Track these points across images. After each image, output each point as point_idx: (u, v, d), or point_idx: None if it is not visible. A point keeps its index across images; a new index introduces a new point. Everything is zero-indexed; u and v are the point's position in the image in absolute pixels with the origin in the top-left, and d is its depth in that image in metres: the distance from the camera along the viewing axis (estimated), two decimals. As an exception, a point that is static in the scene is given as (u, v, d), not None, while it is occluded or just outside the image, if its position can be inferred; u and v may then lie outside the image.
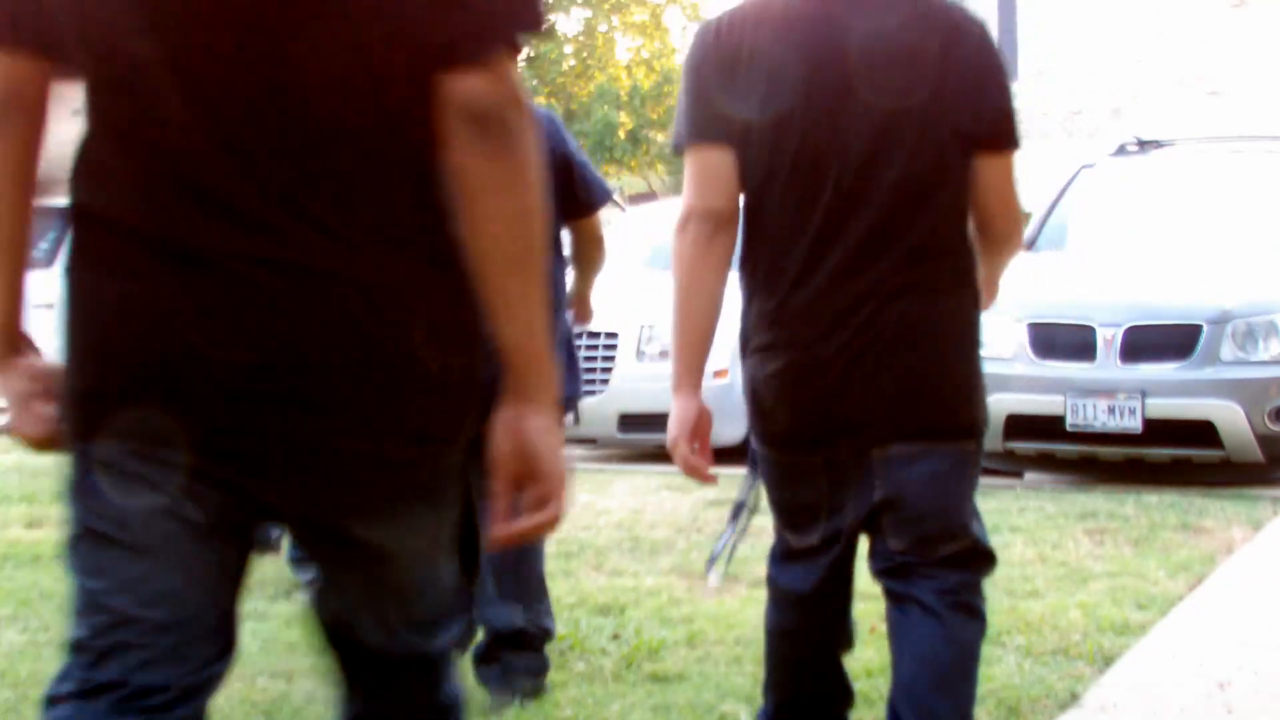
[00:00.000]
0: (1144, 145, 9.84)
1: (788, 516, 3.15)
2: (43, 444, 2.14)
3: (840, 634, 3.33)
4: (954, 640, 2.98)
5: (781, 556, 3.27)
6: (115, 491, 1.89)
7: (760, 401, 3.01)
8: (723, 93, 2.87)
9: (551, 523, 1.93)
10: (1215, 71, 31.74)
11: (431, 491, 1.97)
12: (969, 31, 2.92)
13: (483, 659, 4.18)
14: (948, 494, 2.98)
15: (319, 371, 1.83)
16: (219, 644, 1.95)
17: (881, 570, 3.10)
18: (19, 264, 2.20)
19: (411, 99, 1.84)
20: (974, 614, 3.03)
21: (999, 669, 4.43)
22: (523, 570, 4.22)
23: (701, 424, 2.98)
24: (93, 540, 1.91)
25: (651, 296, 9.39)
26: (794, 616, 3.31)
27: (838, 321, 2.87)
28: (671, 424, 2.99)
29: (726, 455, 9.07)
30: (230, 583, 1.96)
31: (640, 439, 9.10)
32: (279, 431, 1.85)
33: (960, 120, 2.87)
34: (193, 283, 1.83)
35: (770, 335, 2.94)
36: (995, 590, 5.40)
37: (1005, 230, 3.00)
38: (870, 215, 2.85)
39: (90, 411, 1.93)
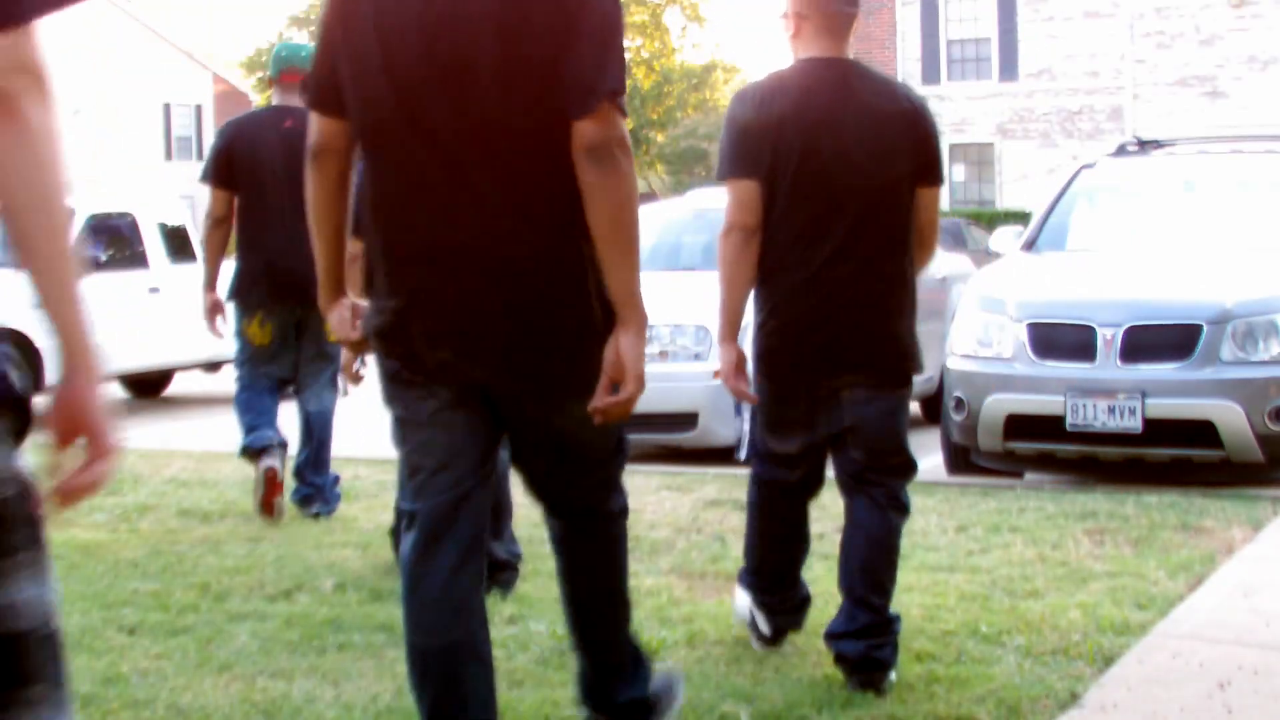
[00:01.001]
0: (1144, 145, 9.84)
1: (777, 429, 4.44)
2: (353, 346, 3.98)
3: (807, 513, 4.67)
4: (892, 527, 4.39)
5: (763, 459, 4.53)
6: (403, 391, 3.21)
7: (769, 348, 4.34)
8: (757, 143, 4.21)
9: (630, 402, 3.08)
10: (1215, 71, 31.76)
11: (586, 383, 3.09)
12: (915, 105, 4.35)
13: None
14: (894, 424, 4.38)
15: (523, 307, 3.09)
16: (480, 472, 3.21)
17: (845, 473, 4.43)
18: (340, 244, 3.38)
19: (561, 136, 3.00)
20: (904, 510, 4.45)
21: (999, 669, 4.43)
22: (497, 513, 5.37)
23: (741, 361, 4.35)
24: (399, 423, 3.25)
25: (651, 296, 9.40)
26: (782, 500, 4.56)
27: (824, 301, 4.27)
28: (722, 364, 4.35)
29: (726, 456, 9.12)
30: (480, 436, 3.22)
31: (640, 439, 9.11)
32: (501, 343, 3.11)
33: (909, 165, 4.31)
34: (445, 263, 3.09)
35: (777, 304, 4.31)
36: (995, 590, 5.40)
37: (930, 239, 4.40)
38: (846, 227, 4.25)
39: (386, 340, 3.19)
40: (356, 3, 3.07)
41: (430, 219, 3.09)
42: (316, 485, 7.21)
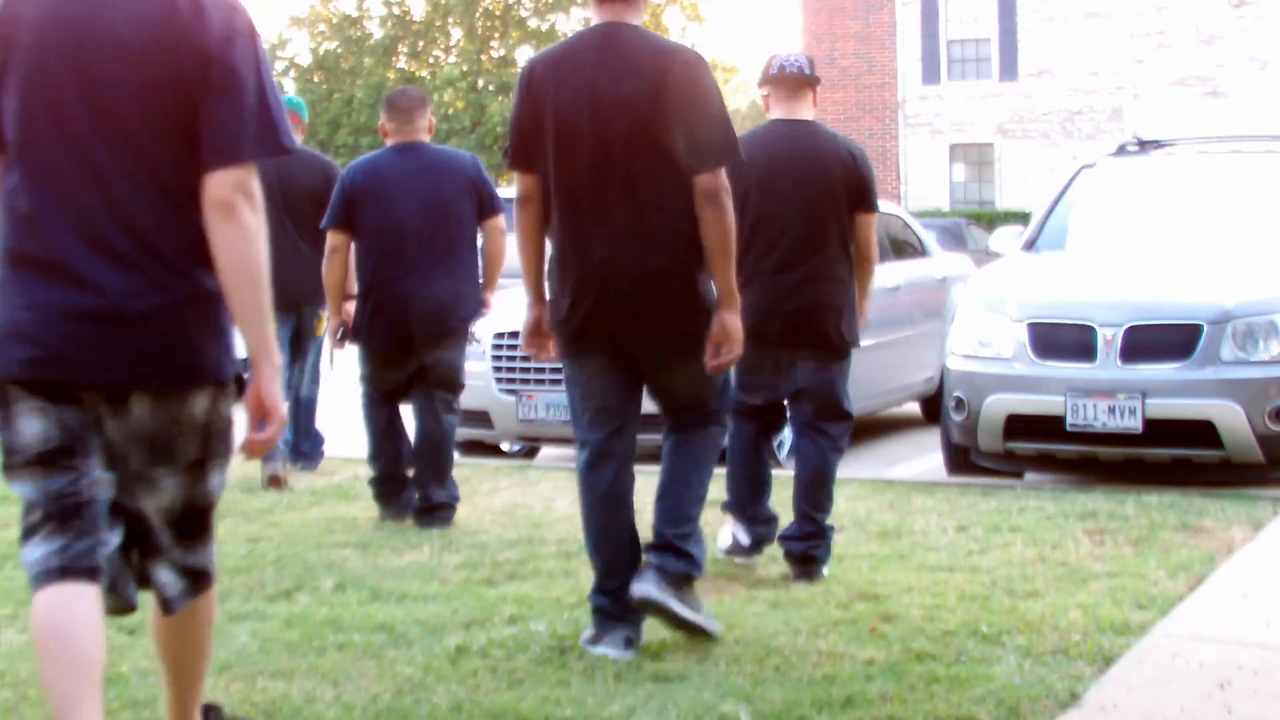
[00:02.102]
0: (1144, 145, 9.84)
1: (748, 388, 5.82)
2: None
3: (768, 449, 6.14)
4: (828, 461, 5.82)
5: (735, 414, 5.70)
6: (575, 359, 4.77)
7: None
8: (738, 184, 4.97)
9: (734, 360, 4.66)
10: (1215, 71, 31.76)
11: (697, 347, 4.64)
12: (853, 152, 5.87)
13: (419, 514, 6.95)
14: (836, 387, 5.84)
15: (659, 298, 4.62)
16: (627, 412, 4.83)
17: (798, 422, 5.89)
18: (541, 263, 4.83)
19: (683, 186, 4.54)
20: (840, 450, 5.89)
21: (999, 669, 4.43)
22: (439, 462, 7.03)
23: None
24: (571, 381, 4.82)
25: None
26: (751, 441, 5.95)
27: (781, 295, 5.71)
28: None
29: (727, 455, 9.08)
30: (629, 388, 4.80)
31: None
32: (644, 322, 4.63)
33: (845, 198, 5.80)
34: (596, 270, 4.62)
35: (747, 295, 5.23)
36: (995, 590, 5.40)
37: (867, 253, 5.90)
38: (794, 238, 5.76)
39: (565, 325, 4.72)
40: (546, 95, 4.58)
41: (597, 243, 4.61)
42: (304, 453, 8.53)
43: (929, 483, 8.12)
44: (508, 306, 9.66)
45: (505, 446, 9.79)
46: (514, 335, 9.18)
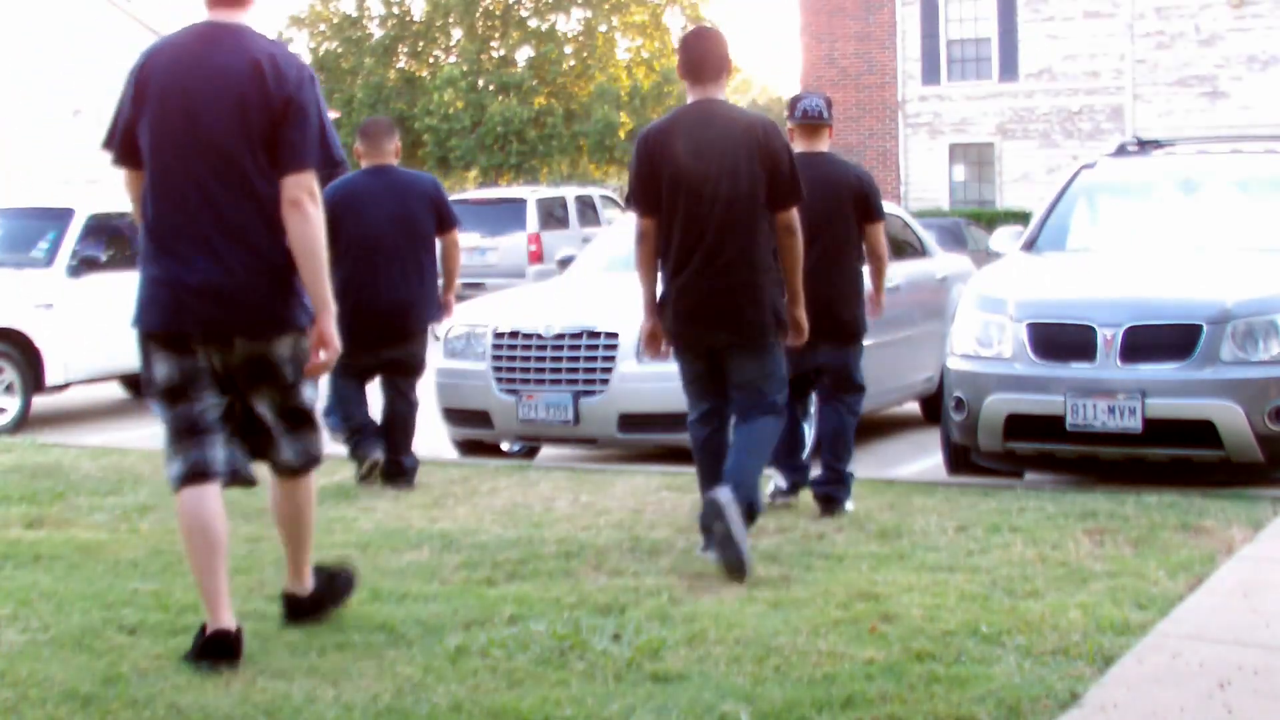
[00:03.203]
0: (1144, 145, 9.83)
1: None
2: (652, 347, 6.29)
3: (800, 413, 7.30)
4: (845, 423, 7.18)
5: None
6: (682, 356, 6.22)
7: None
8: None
9: (802, 342, 6.35)
10: (1215, 71, 31.74)
11: (767, 345, 6.06)
12: (856, 171, 7.24)
13: (388, 474, 8.08)
14: (850, 364, 7.14)
15: (739, 305, 5.98)
16: (721, 396, 6.17)
17: (821, 392, 7.36)
18: (654, 289, 6.14)
19: (763, 218, 6.01)
20: (856, 414, 7.25)
21: (999, 669, 4.43)
22: (405, 434, 8.14)
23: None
24: (681, 373, 6.28)
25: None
26: (787, 408, 6.42)
27: (809, 293, 6.31)
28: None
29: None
30: (717, 377, 6.14)
31: (640, 439, 9.10)
32: (725, 324, 6.01)
33: (855, 209, 7.13)
34: (693, 280, 6.01)
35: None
36: (995, 590, 5.40)
37: (880, 255, 7.34)
38: (820, 249, 6.81)
39: (675, 327, 6.09)
40: (661, 156, 6.00)
41: (695, 262, 6.00)
42: None
43: (929, 483, 8.11)
44: (508, 308, 9.68)
45: (505, 446, 9.79)
46: (514, 335, 9.19)
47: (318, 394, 4.90)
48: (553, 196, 25.23)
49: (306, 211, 4.57)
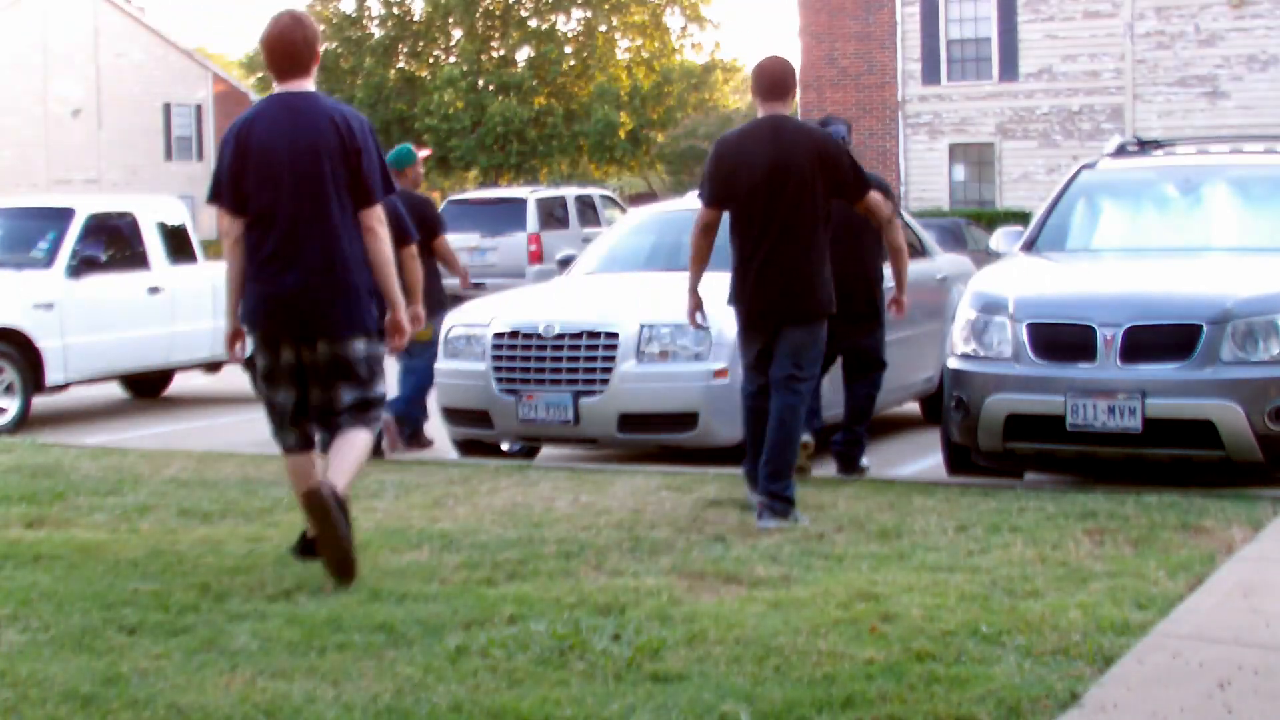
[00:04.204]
0: (1144, 145, 9.83)
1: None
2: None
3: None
4: (870, 394, 8.52)
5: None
6: (743, 335, 7.33)
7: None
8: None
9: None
10: (1215, 71, 31.74)
11: (811, 321, 7.14)
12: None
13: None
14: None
15: (791, 293, 7.06)
16: (768, 369, 7.16)
17: (846, 370, 8.57)
18: (701, 274, 7.26)
19: (818, 215, 7.13)
20: (878, 387, 8.55)
21: (999, 669, 4.43)
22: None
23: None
24: (741, 348, 7.45)
25: (651, 297, 9.39)
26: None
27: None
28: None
29: (726, 456, 9.12)
30: (768, 352, 7.14)
31: (640, 439, 9.11)
32: (785, 301, 7.09)
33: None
34: (756, 272, 7.10)
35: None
36: (995, 590, 5.40)
37: (898, 247, 8.30)
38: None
39: (741, 311, 7.27)
40: (734, 160, 7.12)
41: (759, 255, 7.06)
42: None
43: (929, 483, 8.12)
44: (508, 308, 9.68)
45: (505, 446, 9.79)
46: (514, 335, 9.19)
47: (386, 388, 6.10)
48: (553, 196, 25.23)
49: (379, 234, 5.92)
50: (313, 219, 5.82)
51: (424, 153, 10.63)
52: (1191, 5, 31.75)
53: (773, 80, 7.19)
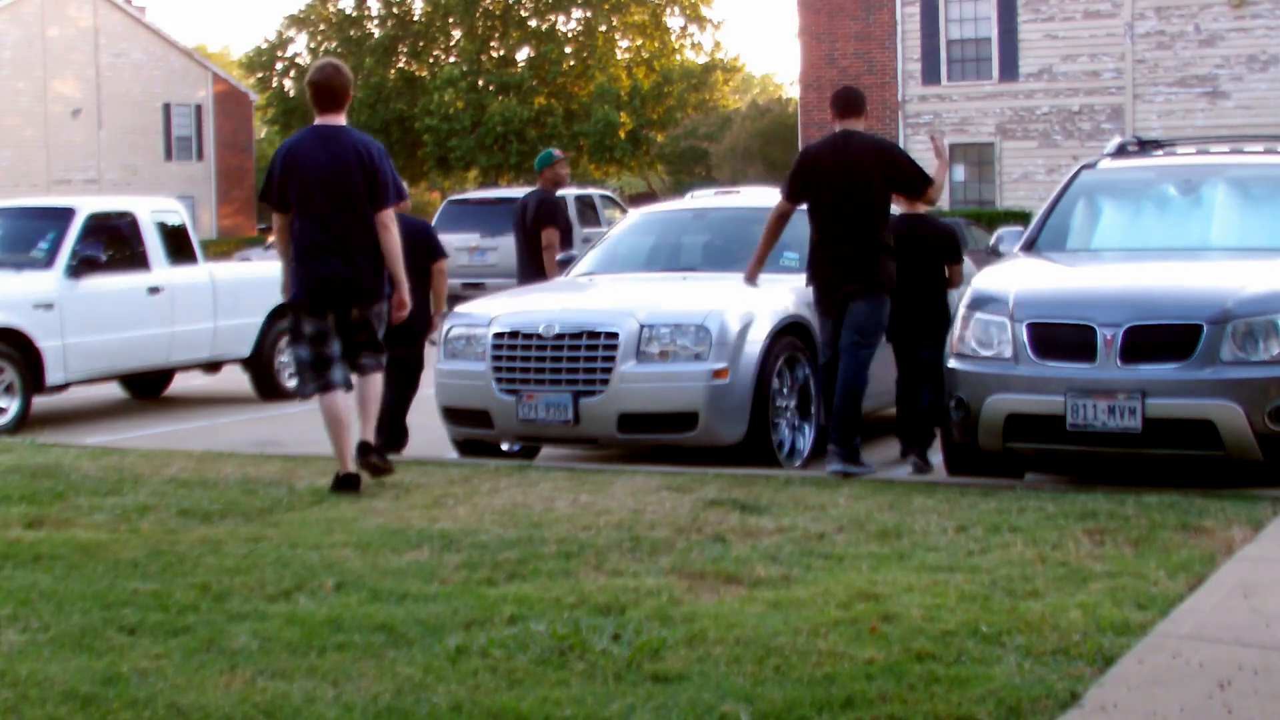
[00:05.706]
0: (1144, 145, 9.83)
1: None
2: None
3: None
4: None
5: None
6: (820, 309, 8.84)
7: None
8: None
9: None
10: (1215, 71, 31.75)
11: (875, 295, 8.62)
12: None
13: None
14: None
15: (856, 270, 8.53)
16: (838, 341, 8.67)
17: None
18: (771, 246, 9.21)
19: (881, 209, 8.68)
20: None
21: (999, 669, 4.43)
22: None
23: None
24: (819, 321, 8.92)
25: (651, 296, 9.40)
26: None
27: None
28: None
29: (726, 456, 9.12)
30: (839, 324, 8.64)
31: (640, 439, 9.10)
32: (853, 278, 8.54)
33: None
34: (833, 255, 8.64)
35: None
36: (995, 590, 5.40)
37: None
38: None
39: (816, 285, 8.79)
40: (816, 164, 8.66)
41: (832, 238, 8.54)
42: None
43: (929, 483, 8.12)
44: (508, 308, 9.68)
45: (505, 446, 9.79)
46: (514, 336, 9.19)
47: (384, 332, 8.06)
48: (553, 197, 25.18)
49: (391, 230, 7.96)
50: (349, 220, 7.88)
51: (564, 155, 12.12)
52: (1191, 5, 31.75)
53: (846, 101, 8.86)
